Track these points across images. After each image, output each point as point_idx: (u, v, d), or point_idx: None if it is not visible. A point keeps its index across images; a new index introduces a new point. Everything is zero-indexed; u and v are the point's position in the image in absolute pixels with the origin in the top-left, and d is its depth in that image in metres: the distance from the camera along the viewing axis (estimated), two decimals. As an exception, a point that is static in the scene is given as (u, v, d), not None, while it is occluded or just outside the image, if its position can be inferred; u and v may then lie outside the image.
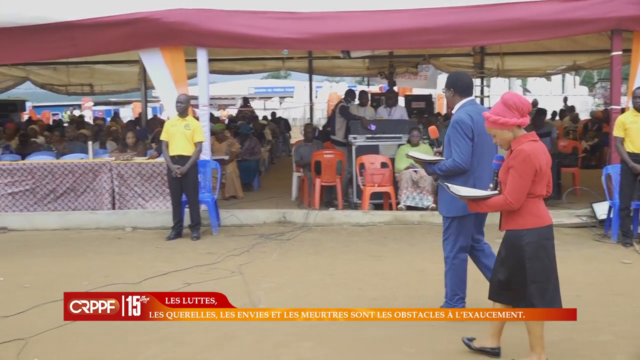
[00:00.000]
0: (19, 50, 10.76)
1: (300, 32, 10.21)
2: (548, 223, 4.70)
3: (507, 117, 4.60)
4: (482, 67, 18.80)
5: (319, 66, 20.94)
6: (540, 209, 4.68)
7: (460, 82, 5.87)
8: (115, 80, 21.56)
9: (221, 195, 11.81)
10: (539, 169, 4.57)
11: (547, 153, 4.72)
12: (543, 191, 4.71)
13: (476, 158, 5.65)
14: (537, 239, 4.63)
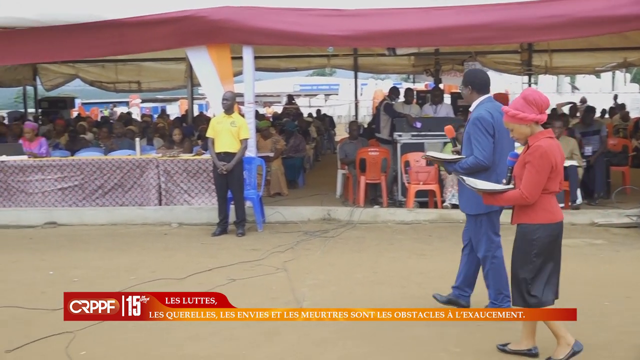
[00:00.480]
0: (69, 48, 10.99)
1: (346, 29, 10.19)
2: (559, 219, 4.78)
3: (526, 113, 4.65)
4: (529, 65, 18.55)
5: (364, 63, 20.89)
6: (552, 205, 4.75)
7: (479, 79, 5.90)
8: (163, 77, 21.79)
9: (266, 192, 11.85)
10: (554, 165, 4.64)
11: (562, 151, 4.80)
12: (557, 187, 4.76)
13: (497, 155, 5.67)
14: (548, 235, 4.71)
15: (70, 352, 5.23)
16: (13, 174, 11.04)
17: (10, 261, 8.44)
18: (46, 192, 11.02)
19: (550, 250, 4.74)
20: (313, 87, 43.58)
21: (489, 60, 18.86)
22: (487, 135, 5.65)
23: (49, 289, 7.10)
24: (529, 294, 4.77)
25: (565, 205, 10.45)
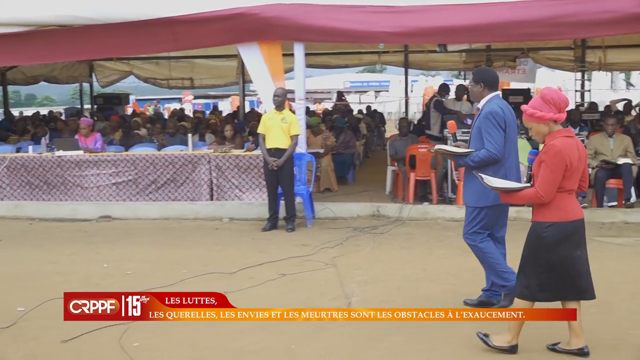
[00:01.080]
0: (125, 45, 11.20)
1: (397, 26, 10.15)
2: (573, 218, 4.80)
3: (544, 112, 4.71)
4: (583, 61, 18.24)
5: (415, 60, 20.77)
6: (567, 204, 4.77)
7: (490, 77, 6.06)
8: (215, 74, 21.97)
9: (316, 188, 11.87)
10: (569, 164, 4.67)
11: (581, 149, 4.81)
12: (574, 186, 4.80)
13: (507, 149, 5.81)
14: (558, 233, 4.75)
15: (123, 343, 5.32)
16: (69, 168, 11.26)
17: (67, 254, 8.61)
18: (101, 186, 11.21)
19: (561, 249, 4.77)
20: (363, 83, 43.47)
21: (541, 56, 18.59)
22: (499, 129, 5.77)
23: (104, 281, 7.24)
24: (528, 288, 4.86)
25: (618, 203, 10.26)
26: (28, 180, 11.36)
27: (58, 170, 11.27)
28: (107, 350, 5.24)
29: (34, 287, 7.01)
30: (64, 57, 14.06)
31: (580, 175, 4.84)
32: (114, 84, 23.65)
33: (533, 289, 4.87)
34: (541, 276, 4.82)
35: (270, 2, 10.19)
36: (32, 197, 11.38)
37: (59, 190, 11.32)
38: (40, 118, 19.94)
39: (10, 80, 20.96)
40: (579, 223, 4.84)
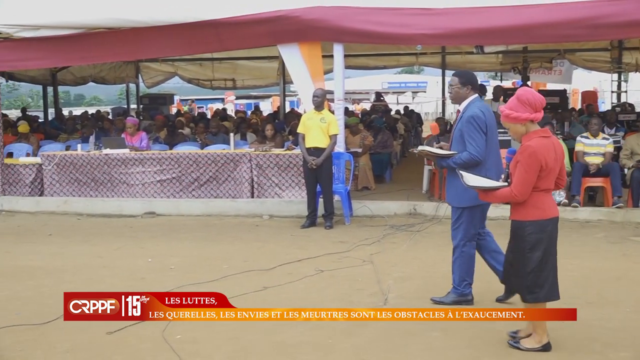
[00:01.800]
0: (170, 46, 11.31)
1: (435, 27, 10.08)
2: (550, 216, 4.83)
3: (520, 112, 4.72)
4: (619, 62, 17.97)
5: (452, 61, 20.65)
6: (544, 202, 4.80)
7: (475, 79, 6.11)
8: (256, 75, 22.10)
9: (354, 187, 11.85)
10: (544, 164, 4.68)
11: (558, 148, 4.83)
12: (550, 185, 4.83)
13: (487, 151, 5.85)
14: (538, 231, 4.78)
15: (166, 336, 5.36)
16: (116, 166, 11.39)
17: (113, 248, 8.71)
18: (146, 183, 11.32)
19: (543, 246, 4.80)
20: (401, 84, 43.29)
21: (577, 57, 18.35)
22: (481, 132, 5.81)
23: (148, 275, 7.30)
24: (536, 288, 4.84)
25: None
26: (76, 177, 11.52)
27: (105, 168, 11.41)
28: (150, 342, 5.28)
29: (81, 280, 7.10)
30: (112, 57, 14.31)
31: (557, 175, 4.86)
32: (159, 85, 23.92)
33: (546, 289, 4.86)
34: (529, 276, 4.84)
35: (310, 5, 10.18)
36: (80, 193, 11.54)
37: (105, 187, 11.46)
38: (89, 117, 20.20)
39: (61, 80, 21.31)
40: (554, 221, 4.88)
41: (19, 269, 7.65)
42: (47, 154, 11.81)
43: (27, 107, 30.64)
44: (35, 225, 10.46)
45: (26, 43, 11.43)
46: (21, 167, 11.80)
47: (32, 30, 11.09)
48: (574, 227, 9.51)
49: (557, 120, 12.61)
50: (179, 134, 14.63)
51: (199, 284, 6.77)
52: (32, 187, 11.75)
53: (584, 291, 6.49)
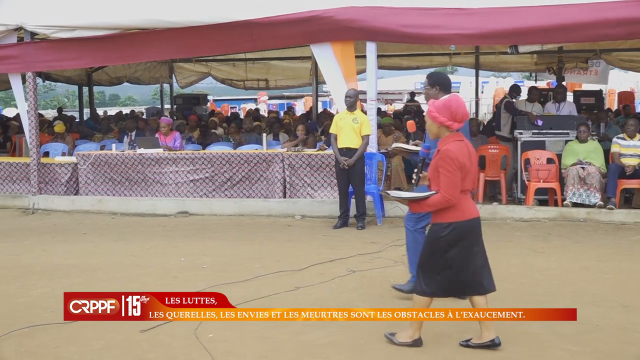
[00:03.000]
0: (205, 46, 11.41)
1: (469, 27, 10.01)
2: (469, 217, 4.95)
3: (440, 115, 4.89)
4: (657, 62, 17.69)
5: (486, 62, 20.48)
6: (463, 204, 4.92)
7: (444, 80, 6.18)
8: (289, 75, 22.12)
9: (386, 187, 11.83)
10: (463, 166, 4.84)
11: (472, 151, 5.00)
12: (467, 186, 4.95)
13: None
14: (457, 232, 4.89)
15: (198, 334, 5.38)
16: (150, 165, 11.49)
17: (146, 247, 8.79)
18: (179, 183, 11.41)
19: (459, 247, 4.91)
20: (434, 85, 43.02)
21: (614, 58, 18.09)
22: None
23: (181, 274, 7.35)
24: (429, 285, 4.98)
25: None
26: (111, 176, 11.65)
27: (139, 167, 11.52)
28: (183, 340, 5.32)
29: (115, 279, 7.17)
30: (146, 58, 14.48)
31: (472, 176, 5.00)
32: (192, 85, 24.06)
33: (433, 286, 4.98)
34: (440, 274, 4.95)
35: (343, 5, 10.18)
36: (115, 192, 11.66)
37: (139, 186, 11.57)
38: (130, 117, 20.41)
39: (96, 81, 21.55)
40: (475, 222, 5.00)
41: (54, 267, 7.75)
42: (83, 154, 11.96)
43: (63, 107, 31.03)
44: (70, 223, 10.60)
45: (62, 44, 11.62)
46: (57, 167, 11.96)
47: (69, 31, 11.26)
48: (610, 229, 9.40)
49: (592, 121, 12.45)
50: (212, 134, 14.72)
51: (230, 283, 6.81)
52: (67, 186, 11.90)
53: (619, 295, 6.41)
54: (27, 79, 11.98)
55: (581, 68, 17.88)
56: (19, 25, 11.48)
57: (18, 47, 11.82)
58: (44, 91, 49.01)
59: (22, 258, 8.28)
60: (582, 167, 10.14)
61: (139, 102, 56.79)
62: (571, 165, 10.28)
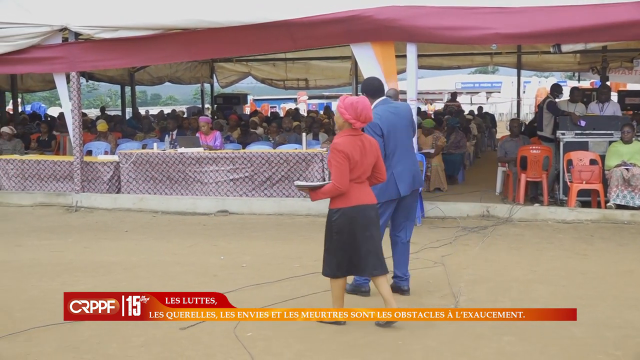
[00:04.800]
0: (246, 45, 11.47)
1: (511, 27, 9.89)
2: (356, 204, 5.41)
3: (347, 111, 5.36)
4: None
5: (528, 61, 20.29)
6: (352, 192, 5.40)
7: (369, 86, 6.40)
8: (329, 75, 22.17)
9: (426, 187, 11.78)
10: (350, 157, 5.32)
11: (367, 144, 5.44)
12: (355, 176, 5.39)
13: (390, 150, 6.20)
14: (345, 217, 5.41)
15: (237, 333, 5.41)
16: (190, 164, 11.59)
17: (187, 245, 8.87)
18: (219, 182, 11.48)
19: (348, 231, 5.41)
20: (475, 84, 42.78)
21: (660, 57, 17.76)
22: (375, 136, 6.04)
23: (220, 272, 7.41)
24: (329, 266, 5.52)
25: None
26: (152, 175, 11.77)
27: (180, 166, 11.63)
28: (222, 338, 5.35)
29: (155, 277, 7.26)
30: (187, 57, 14.66)
31: (365, 168, 5.44)
32: (233, 85, 24.24)
33: (332, 267, 5.50)
34: (336, 255, 5.46)
35: (384, 4, 10.14)
36: (156, 191, 11.78)
37: (180, 185, 11.68)
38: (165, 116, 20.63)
39: (138, 80, 21.83)
40: (362, 207, 5.42)
41: (97, 264, 7.87)
42: (125, 152, 12.12)
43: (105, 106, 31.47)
44: (112, 221, 10.74)
45: (106, 44, 11.77)
46: (99, 165, 12.13)
47: (112, 31, 11.41)
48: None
49: (637, 122, 12.24)
50: (252, 134, 14.80)
51: (269, 282, 6.84)
52: (109, 185, 12.06)
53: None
54: (71, 78, 12.18)
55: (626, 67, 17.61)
56: (64, 25, 11.66)
57: (63, 48, 12.02)
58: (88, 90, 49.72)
59: (66, 255, 8.42)
60: (626, 169, 9.97)
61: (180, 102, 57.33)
62: (615, 166, 10.12)
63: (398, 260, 6.52)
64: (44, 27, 11.69)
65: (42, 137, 15.15)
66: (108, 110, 26.00)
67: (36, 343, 5.31)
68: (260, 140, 13.93)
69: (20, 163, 12.52)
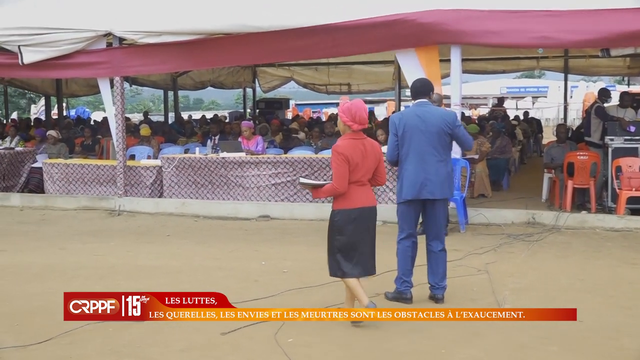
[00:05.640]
0: (288, 51, 11.52)
1: (558, 30, 9.77)
2: (357, 206, 5.66)
3: (344, 115, 5.62)
4: None
5: (575, 65, 20.03)
6: (352, 194, 5.66)
7: (411, 88, 6.57)
8: (372, 80, 22.14)
9: (470, 194, 11.68)
10: (350, 160, 5.57)
11: (368, 148, 5.66)
12: (356, 178, 5.64)
13: (403, 152, 6.30)
14: (345, 218, 5.65)
15: (278, 338, 5.42)
16: (232, 169, 11.67)
17: (228, 250, 8.92)
18: (261, 187, 11.53)
19: (349, 231, 5.64)
20: (520, 89, 42.37)
21: None
22: (391, 134, 6.36)
23: (261, 278, 7.43)
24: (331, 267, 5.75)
25: None
26: (194, 179, 11.88)
27: (222, 171, 11.71)
28: (263, 344, 5.36)
29: (197, 281, 7.30)
30: (230, 62, 14.82)
31: (366, 171, 5.67)
32: (275, 89, 24.35)
33: (334, 267, 5.72)
34: (337, 255, 5.69)
35: (428, 8, 10.10)
36: (197, 195, 11.89)
37: (222, 189, 11.76)
38: (208, 121, 20.82)
39: (181, 85, 22.08)
40: (362, 210, 5.67)
41: (138, 268, 7.96)
42: (167, 157, 12.25)
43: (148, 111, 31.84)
44: (154, 225, 10.86)
45: (149, 49, 11.94)
46: (142, 169, 12.28)
47: (155, 36, 11.56)
48: None
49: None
50: (293, 139, 14.83)
51: (310, 287, 6.84)
52: (152, 189, 12.20)
53: None
54: (114, 83, 12.36)
55: (677, 71, 17.27)
56: (108, 31, 11.85)
57: (107, 53, 12.20)
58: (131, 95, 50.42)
59: (108, 259, 8.53)
60: (678, 175, 9.78)
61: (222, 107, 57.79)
62: (666, 173, 9.94)
63: (431, 269, 6.44)
64: (89, 33, 11.89)
65: (86, 141, 15.39)
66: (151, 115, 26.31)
67: (79, 346, 5.37)
68: (302, 145, 13.96)
69: (64, 167, 12.75)
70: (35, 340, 5.48)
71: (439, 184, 6.27)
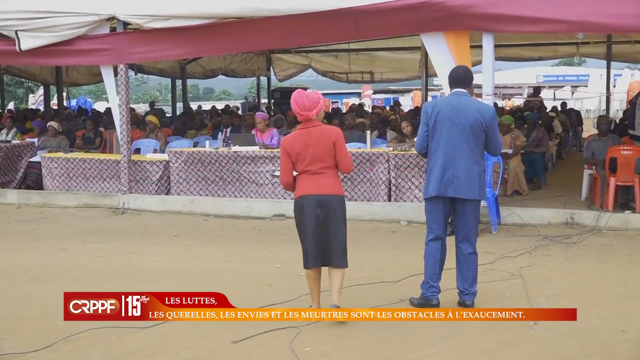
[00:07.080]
0: (306, 35, 11.54)
1: (600, 13, 9.69)
2: (299, 195, 6.03)
3: (292, 106, 5.96)
4: None
5: (619, 51, 19.88)
6: (299, 184, 6.06)
7: (452, 74, 6.61)
8: (396, 67, 22.07)
9: (503, 191, 11.65)
10: (290, 151, 5.98)
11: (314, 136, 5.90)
12: (302, 168, 5.98)
13: (433, 144, 6.32)
14: (294, 208, 6.14)
15: (294, 347, 5.43)
16: (245, 164, 11.68)
17: (240, 252, 8.95)
18: (276, 183, 11.51)
19: (299, 221, 6.10)
20: (559, 77, 42.19)
21: None
22: (422, 124, 6.41)
23: (276, 282, 7.45)
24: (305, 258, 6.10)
25: None
26: (204, 175, 11.91)
27: (234, 166, 11.73)
28: (277, 353, 5.38)
29: (206, 284, 7.31)
30: (243, 48, 14.82)
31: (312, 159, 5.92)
32: (291, 78, 24.33)
33: (304, 257, 6.10)
34: (302, 244, 6.11)
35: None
36: (207, 192, 11.91)
37: (233, 186, 11.79)
38: (219, 112, 20.85)
39: (190, 73, 22.13)
40: (304, 198, 5.99)
41: (144, 270, 8.01)
42: (175, 151, 12.28)
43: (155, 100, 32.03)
44: (160, 225, 10.91)
45: (156, 34, 11.93)
46: (148, 164, 12.32)
47: (162, 20, 11.56)
48: None
49: None
50: (311, 131, 14.82)
51: (327, 291, 6.84)
52: (158, 185, 12.24)
53: None
54: (119, 71, 12.40)
55: None
56: (112, 14, 11.86)
57: (110, 38, 12.23)
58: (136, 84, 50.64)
59: (112, 260, 8.59)
60: None
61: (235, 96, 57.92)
62: None
63: (460, 273, 6.38)
64: (91, 17, 11.91)
65: (87, 134, 15.40)
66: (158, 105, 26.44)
67: (80, 354, 5.41)
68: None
69: (64, 161, 12.82)
70: (35, 347, 5.53)
71: (467, 183, 6.20)
